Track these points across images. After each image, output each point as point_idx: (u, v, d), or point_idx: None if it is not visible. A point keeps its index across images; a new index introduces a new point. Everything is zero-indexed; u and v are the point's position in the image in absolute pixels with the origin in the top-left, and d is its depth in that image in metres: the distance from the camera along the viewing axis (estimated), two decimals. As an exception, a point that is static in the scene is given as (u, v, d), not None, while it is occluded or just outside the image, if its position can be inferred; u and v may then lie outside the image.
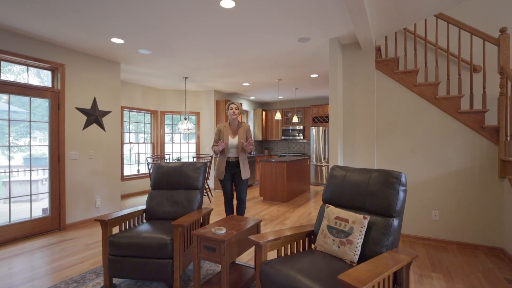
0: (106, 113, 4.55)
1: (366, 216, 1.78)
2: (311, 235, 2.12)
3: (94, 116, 4.36)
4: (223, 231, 2.00)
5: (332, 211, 1.95)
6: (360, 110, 3.62)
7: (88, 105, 4.28)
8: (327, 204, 2.05)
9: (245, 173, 3.37)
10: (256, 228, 2.29)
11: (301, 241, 2.06)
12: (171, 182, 2.95)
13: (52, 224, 3.83)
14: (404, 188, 1.81)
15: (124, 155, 6.31)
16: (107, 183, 4.58)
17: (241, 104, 3.49)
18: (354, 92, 3.67)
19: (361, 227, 1.76)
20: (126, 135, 6.35)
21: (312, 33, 3.43)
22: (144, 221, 3.02)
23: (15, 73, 3.60)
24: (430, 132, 3.27)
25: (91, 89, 4.33)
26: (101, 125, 4.47)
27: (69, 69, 4.03)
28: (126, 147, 6.36)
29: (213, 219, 4.42)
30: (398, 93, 3.45)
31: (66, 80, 4.00)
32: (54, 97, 3.87)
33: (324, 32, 3.41)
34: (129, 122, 6.42)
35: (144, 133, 6.86)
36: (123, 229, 2.54)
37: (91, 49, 4.06)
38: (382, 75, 3.55)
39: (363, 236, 1.75)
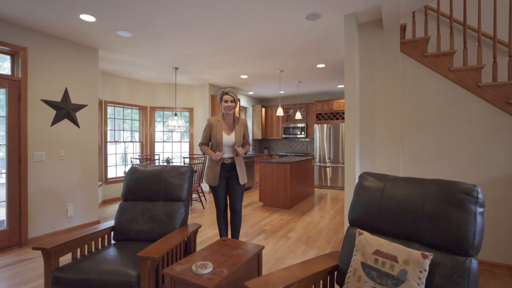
0: (80, 107, 3.90)
1: (426, 253, 1.16)
2: (336, 270, 1.50)
3: (65, 110, 3.71)
4: (208, 270, 1.37)
5: (369, 241, 1.33)
6: (381, 103, 3.00)
7: (57, 97, 3.63)
8: (359, 230, 1.42)
9: (243, 178, 2.76)
10: (256, 260, 1.67)
11: (321, 281, 1.44)
12: (147, 191, 2.32)
13: (10, 239, 3.18)
14: (482, 209, 1.19)
15: (110, 155, 5.67)
16: (83, 188, 3.93)
17: (236, 94, 2.80)
18: (373, 81, 3.04)
19: (420, 271, 1.13)
20: (111, 133, 5.70)
21: (324, 7, 2.80)
22: (112, 241, 2.39)
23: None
24: (470, 128, 2.65)
25: (62, 78, 3.68)
26: (75, 121, 3.82)
27: (33, 54, 3.38)
28: (111, 147, 5.71)
29: (204, 231, 3.78)
30: (429, 80, 2.83)
31: (29, 67, 3.34)
32: (13, 86, 3.22)
33: (339, 7, 2.78)
34: (114, 118, 5.77)
35: (131, 131, 6.21)
36: (79, 256, 1.92)
37: (59, 30, 3.41)
38: (409, 60, 2.92)
39: (423, 287, 1.13)
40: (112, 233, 2.24)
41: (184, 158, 4.73)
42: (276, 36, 3.59)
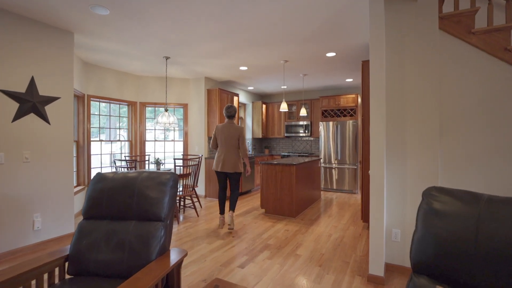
0: (51, 99, 3.31)
1: None
2: None
3: (30, 102, 3.11)
4: None
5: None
6: (413, 92, 2.43)
7: (21, 88, 3.04)
8: (438, 287, 0.84)
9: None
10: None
11: None
12: (115, 207, 1.73)
13: (-44, 260, 2.60)
14: None
15: (95, 156, 5.08)
16: (54, 195, 3.34)
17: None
18: (403, 65, 2.47)
19: None
20: (96, 131, 5.10)
21: (345, -29, 2.23)
22: (67, 276, 1.81)
23: None
24: (534, 122, 2.09)
25: (27, 65, 3.09)
26: (43, 116, 3.23)
27: (-13, 34, 2.79)
28: (96, 146, 5.12)
29: (196, 246, 3.20)
30: (476, 63, 2.26)
31: (-18, 50, 2.76)
32: (-39, 73, 2.63)
33: (364, -31, 2.20)
34: (99, 115, 5.18)
35: (119, 128, 5.62)
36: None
37: (21, 6, 2.81)
38: (449, 38, 2.35)
39: None
40: (67, 264, 1.66)
41: (175, 159, 4.13)
42: (285, 15, 3.00)
